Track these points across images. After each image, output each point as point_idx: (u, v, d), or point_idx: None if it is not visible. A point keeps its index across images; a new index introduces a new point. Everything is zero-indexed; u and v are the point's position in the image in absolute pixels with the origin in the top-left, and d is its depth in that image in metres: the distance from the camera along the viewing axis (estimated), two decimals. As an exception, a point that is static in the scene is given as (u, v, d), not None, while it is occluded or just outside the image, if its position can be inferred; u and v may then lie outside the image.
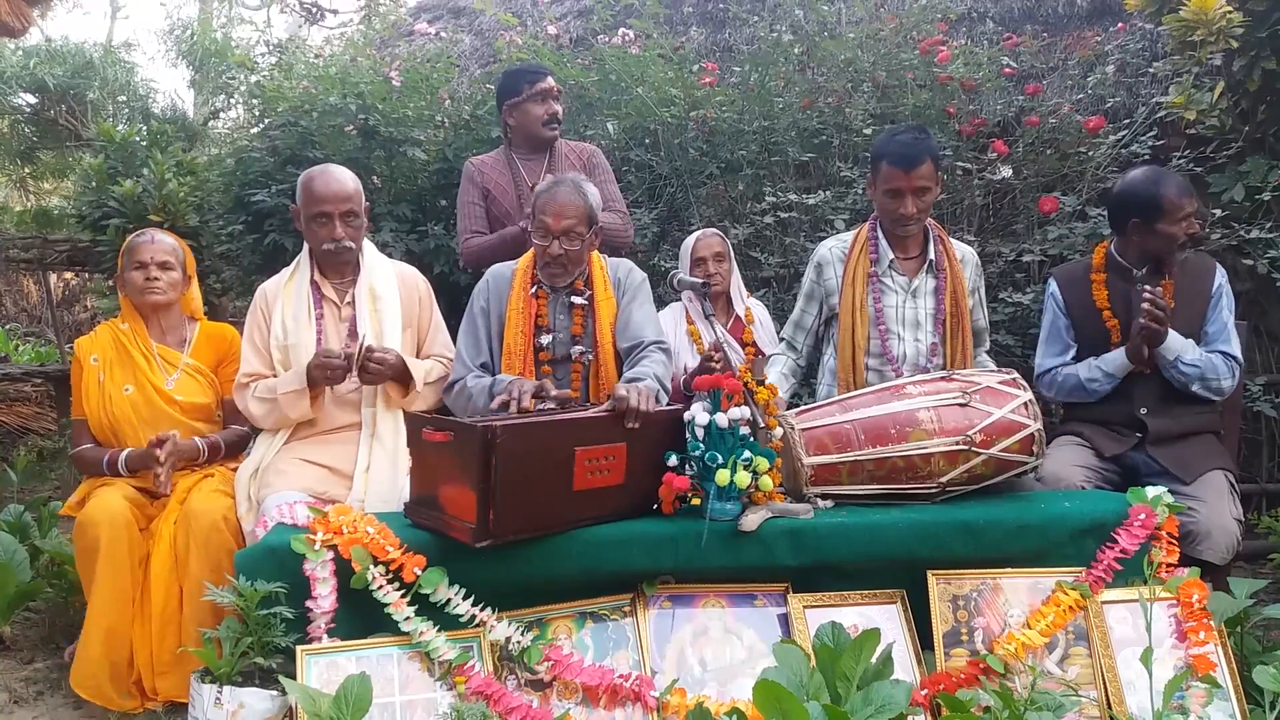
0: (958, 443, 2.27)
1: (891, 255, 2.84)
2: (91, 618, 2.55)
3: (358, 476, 2.60)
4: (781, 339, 3.08)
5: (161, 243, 2.93)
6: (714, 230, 3.44)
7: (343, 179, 2.76)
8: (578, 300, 2.71)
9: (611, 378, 2.68)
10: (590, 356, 2.70)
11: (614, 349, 2.71)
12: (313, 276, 2.81)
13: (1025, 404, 2.35)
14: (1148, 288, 2.70)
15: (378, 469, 2.63)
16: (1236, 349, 2.78)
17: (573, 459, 2.06)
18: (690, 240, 3.37)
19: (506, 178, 3.44)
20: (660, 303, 3.55)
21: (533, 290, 2.72)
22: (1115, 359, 2.79)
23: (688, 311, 3.34)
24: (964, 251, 2.92)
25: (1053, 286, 2.99)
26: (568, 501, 2.09)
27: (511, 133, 3.53)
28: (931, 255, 2.84)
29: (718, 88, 4.60)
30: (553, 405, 2.53)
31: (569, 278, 2.70)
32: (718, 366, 2.66)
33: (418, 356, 2.86)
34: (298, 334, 2.73)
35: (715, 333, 2.66)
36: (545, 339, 2.69)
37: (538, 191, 2.71)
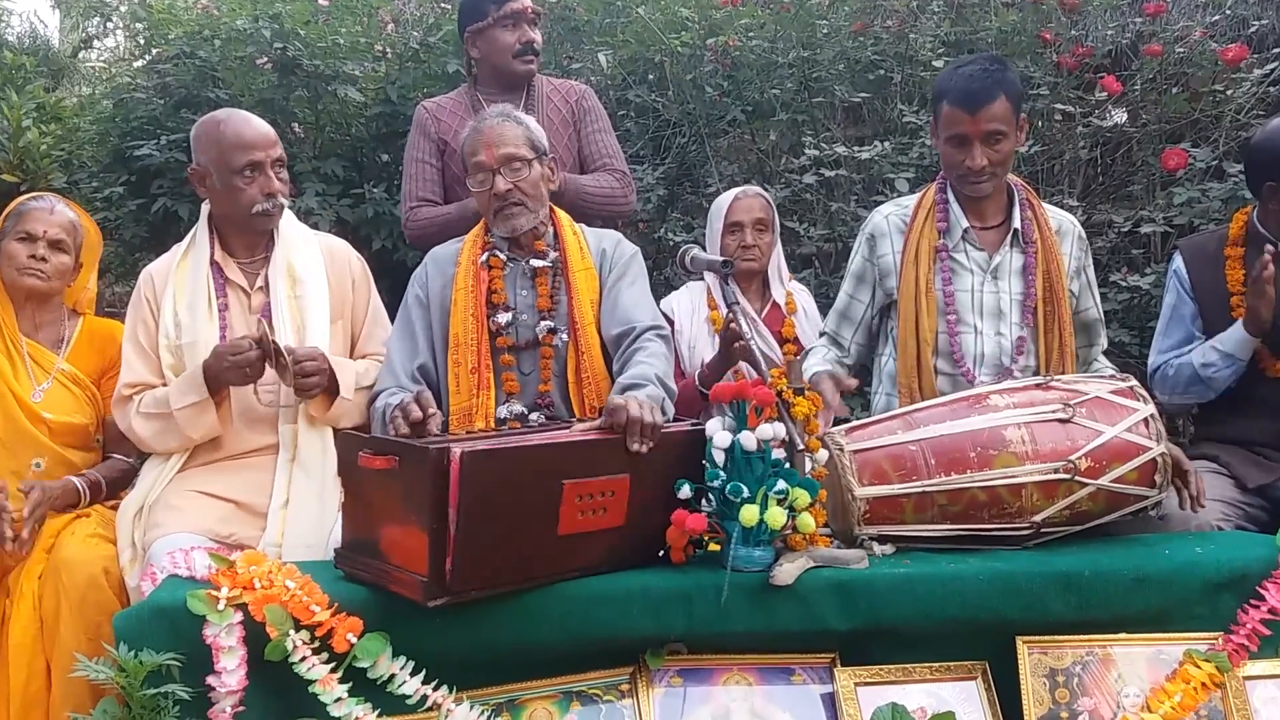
0: (1057, 470, 2.27)
1: (966, 224, 2.84)
2: (-70, 701, 2.56)
3: (273, 514, 2.60)
4: (822, 333, 3.08)
5: (61, 215, 2.96)
6: (756, 189, 3.44)
7: (259, 120, 2.83)
8: (540, 263, 2.73)
9: (596, 370, 2.70)
10: (566, 338, 2.72)
11: (599, 334, 2.73)
12: (213, 254, 2.81)
13: (1146, 420, 2.35)
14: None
15: (300, 504, 2.63)
16: None
17: (559, 496, 2.05)
18: (724, 200, 3.36)
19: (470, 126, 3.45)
20: (668, 287, 3.56)
21: (483, 258, 2.74)
22: (1234, 334, 2.81)
23: (709, 293, 3.34)
24: (1061, 220, 2.92)
25: (1177, 262, 3.01)
26: (550, 549, 2.09)
27: (476, 67, 3.54)
28: (1017, 224, 2.85)
29: (743, 7, 4.62)
30: (529, 421, 2.54)
31: (532, 218, 2.73)
32: (740, 339, 2.61)
33: (352, 356, 2.88)
34: (194, 330, 2.73)
35: (743, 327, 2.62)
36: (503, 318, 2.70)
37: (460, 141, 2.78)
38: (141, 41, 5.10)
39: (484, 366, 2.67)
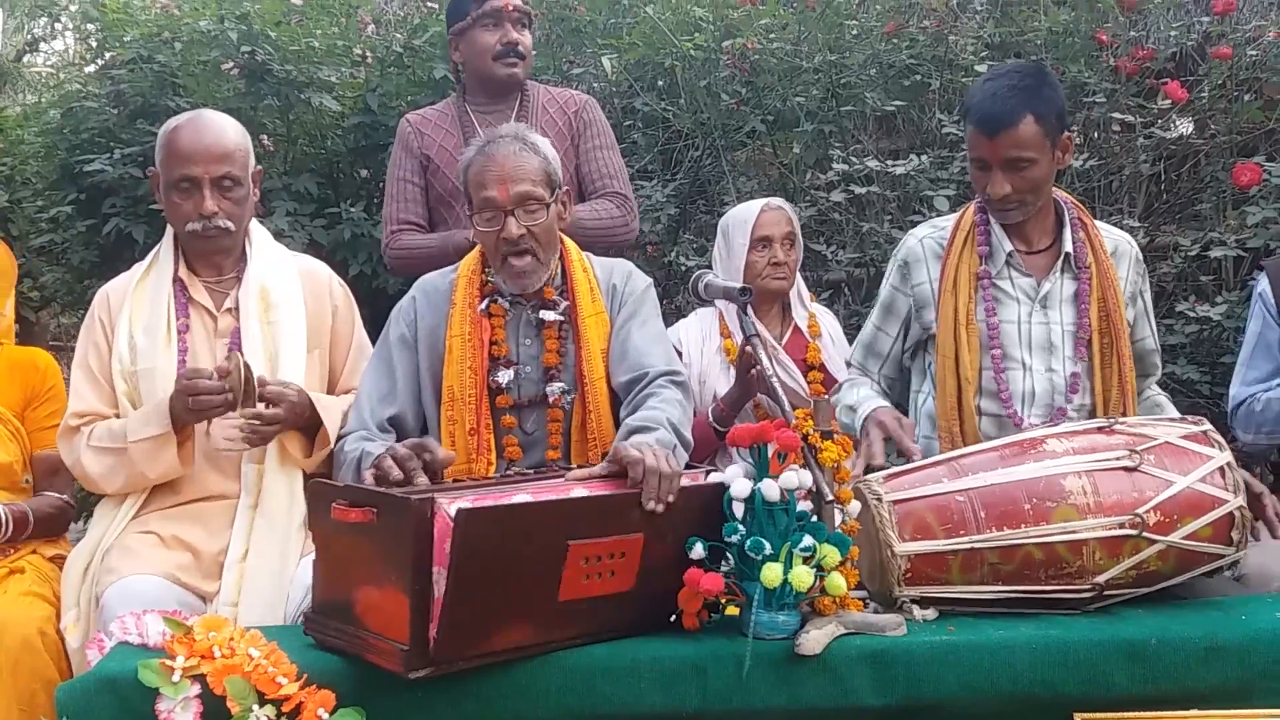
0: (1123, 525, 2.26)
1: (1010, 246, 2.85)
2: None
3: (229, 568, 2.59)
4: (849, 364, 3.09)
5: None
6: (779, 200, 3.45)
7: (221, 128, 2.79)
8: (549, 315, 2.73)
9: (604, 430, 2.69)
10: (573, 398, 2.72)
11: (608, 387, 2.72)
12: (176, 271, 2.82)
13: (1221, 469, 2.34)
14: None
15: (261, 558, 2.61)
16: None
17: (563, 558, 2.03)
18: (748, 213, 3.34)
19: (455, 139, 3.47)
20: (680, 316, 3.56)
21: (483, 305, 2.73)
22: None
23: (722, 319, 3.35)
24: (1117, 241, 2.93)
25: (1262, 284, 3.02)
26: (549, 615, 2.08)
27: (464, 74, 3.57)
28: (1068, 246, 2.85)
29: (763, 6, 4.64)
30: (513, 472, 2.51)
31: (543, 271, 2.71)
32: (758, 366, 2.57)
33: (332, 392, 2.88)
34: (152, 355, 2.73)
35: (763, 360, 2.61)
36: (504, 376, 2.69)
37: (464, 162, 2.71)
38: (93, 45, 5.15)
39: (484, 427, 2.67)
